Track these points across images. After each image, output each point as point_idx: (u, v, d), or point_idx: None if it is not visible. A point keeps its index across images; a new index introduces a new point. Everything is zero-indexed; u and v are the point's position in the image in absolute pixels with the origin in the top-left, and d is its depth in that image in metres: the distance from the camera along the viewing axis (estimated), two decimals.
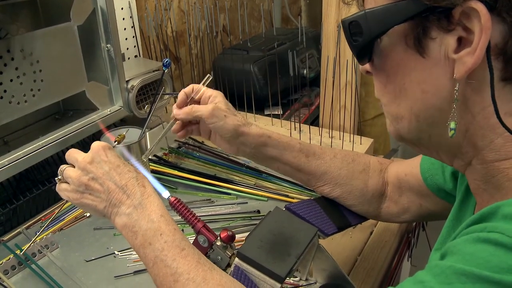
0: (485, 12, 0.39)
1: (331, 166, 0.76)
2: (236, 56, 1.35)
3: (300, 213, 0.72)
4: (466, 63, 0.41)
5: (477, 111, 0.45)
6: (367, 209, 0.78)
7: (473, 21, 0.40)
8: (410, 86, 0.47)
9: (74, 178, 0.64)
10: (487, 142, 0.46)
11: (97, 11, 1.00)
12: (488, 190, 0.49)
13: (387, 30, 0.45)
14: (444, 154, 0.51)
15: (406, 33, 0.45)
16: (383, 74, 0.49)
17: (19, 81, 0.90)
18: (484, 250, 0.38)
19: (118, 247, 0.87)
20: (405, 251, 1.01)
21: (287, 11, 2.09)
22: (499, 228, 0.38)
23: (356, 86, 1.16)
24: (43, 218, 0.95)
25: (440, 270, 0.40)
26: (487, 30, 0.40)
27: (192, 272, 0.54)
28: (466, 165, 0.50)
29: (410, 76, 0.46)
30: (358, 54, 0.49)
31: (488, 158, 0.47)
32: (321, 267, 0.74)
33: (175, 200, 0.66)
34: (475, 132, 0.46)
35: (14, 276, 0.82)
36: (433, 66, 0.44)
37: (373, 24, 0.46)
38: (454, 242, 0.42)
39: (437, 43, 0.43)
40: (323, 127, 1.24)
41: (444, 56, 0.43)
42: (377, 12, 0.45)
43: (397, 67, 0.47)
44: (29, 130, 1.03)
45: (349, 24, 0.47)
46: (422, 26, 0.43)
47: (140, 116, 1.13)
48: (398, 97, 0.49)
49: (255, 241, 0.64)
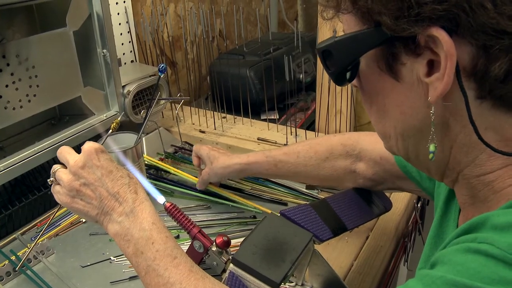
0: (447, 39, 0.39)
1: (297, 166, 0.86)
2: (232, 60, 1.35)
3: (295, 218, 0.72)
4: (437, 88, 0.41)
5: (458, 130, 0.44)
6: (345, 187, 0.86)
7: (439, 46, 0.40)
8: (390, 107, 0.47)
9: (66, 182, 0.63)
10: (472, 158, 0.46)
11: (93, 17, 1.00)
12: (475, 204, 0.49)
13: (357, 58, 0.46)
14: (433, 171, 0.51)
15: (377, 58, 0.45)
16: (366, 94, 0.50)
17: (14, 87, 0.90)
18: (475, 261, 0.38)
19: (114, 253, 0.87)
20: (401, 255, 1.01)
21: (283, 15, 2.09)
22: (489, 239, 0.38)
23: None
24: (38, 224, 0.95)
25: (430, 281, 0.39)
26: (451, 57, 0.39)
27: (184, 281, 0.54)
28: (454, 181, 0.50)
29: (389, 98, 0.47)
30: (335, 80, 0.49)
31: (473, 173, 0.47)
32: (317, 272, 0.74)
33: (171, 206, 0.66)
34: (459, 149, 0.46)
35: (9, 282, 0.81)
36: (407, 90, 0.44)
37: (342, 53, 0.46)
38: (444, 251, 0.42)
39: (408, 68, 0.43)
40: (319, 131, 1.24)
41: (417, 80, 0.43)
42: (345, 41, 0.45)
43: (376, 89, 0.47)
44: (25, 135, 1.03)
45: (322, 52, 0.47)
46: (391, 52, 0.43)
47: (136, 121, 1.13)
48: (382, 117, 0.49)
49: (250, 247, 0.64)
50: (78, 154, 0.65)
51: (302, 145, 0.87)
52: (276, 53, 1.38)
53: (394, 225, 0.94)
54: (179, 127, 1.26)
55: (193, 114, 1.36)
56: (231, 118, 1.34)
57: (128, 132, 1.01)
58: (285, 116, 1.39)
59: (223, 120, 1.32)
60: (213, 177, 0.96)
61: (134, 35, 1.30)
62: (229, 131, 1.27)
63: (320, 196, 1.00)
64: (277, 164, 0.87)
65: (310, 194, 1.01)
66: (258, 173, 0.92)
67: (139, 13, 1.34)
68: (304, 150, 0.86)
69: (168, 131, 1.28)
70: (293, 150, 0.87)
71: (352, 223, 0.79)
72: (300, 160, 0.85)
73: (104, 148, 0.65)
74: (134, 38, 1.30)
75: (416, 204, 1.02)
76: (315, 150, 0.85)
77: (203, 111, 1.34)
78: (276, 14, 2.09)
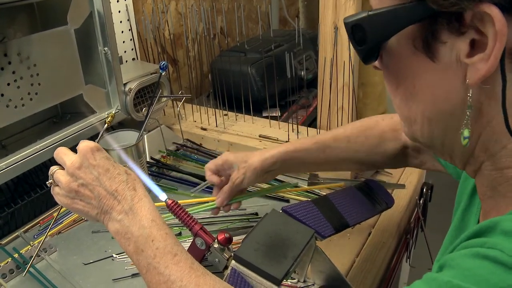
0: (499, 17, 0.36)
1: (348, 152, 0.82)
2: (234, 58, 1.35)
3: (296, 215, 0.72)
4: (479, 70, 0.39)
5: (492, 116, 0.42)
6: (394, 166, 0.88)
7: (487, 25, 0.37)
8: (421, 90, 0.44)
9: (64, 183, 0.63)
10: (500, 147, 0.44)
11: (94, 14, 1.00)
12: (494, 197, 0.47)
13: (393, 34, 0.42)
14: (457, 159, 0.49)
15: (414, 36, 0.42)
16: (393, 74, 0.47)
17: (16, 85, 0.90)
18: (483, 267, 0.37)
19: (116, 250, 0.87)
20: (404, 252, 1.00)
21: (284, 13, 2.09)
22: (499, 245, 0.37)
23: (353, 87, 1.16)
24: (41, 221, 0.95)
25: (437, 285, 0.39)
26: (502, 37, 0.37)
27: (185, 278, 0.54)
28: (476, 170, 0.48)
29: (420, 79, 0.44)
30: (364, 57, 0.46)
31: (498, 165, 0.45)
32: (319, 268, 0.74)
33: (172, 203, 0.66)
34: (488, 137, 0.44)
35: (12, 279, 0.82)
36: (444, 71, 0.42)
37: (377, 28, 0.43)
38: (452, 255, 0.41)
39: (448, 47, 0.40)
40: (321, 128, 1.24)
41: (456, 60, 0.40)
42: (381, 15, 0.42)
43: (406, 69, 0.45)
44: (27, 133, 1.03)
45: (351, 27, 0.44)
46: (431, 29, 0.40)
47: (138, 119, 1.13)
48: (410, 99, 0.46)
49: (252, 243, 0.64)
50: (76, 154, 0.64)
51: (350, 130, 0.83)
52: (278, 50, 1.38)
53: (396, 221, 0.94)
54: (181, 125, 1.26)
55: (194, 111, 1.36)
56: (233, 115, 1.34)
57: (129, 130, 1.01)
58: (287, 113, 1.39)
59: (224, 118, 1.32)
60: (249, 176, 0.81)
61: (135, 32, 1.30)
62: (230, 129, 1.27)
63: (322, 192, 1.00)
64: (325, 150, 0.81)
65: (312, 191, 1.01)
66: (303, 163, 0.83)
67: (140, 11, 1.34)
68: (353, 135, 0.81)
69: (169, 128, 1.28)
70: (342, 135, 0.82)
71: (354, 220, 0.79)
72: (351, 145, 0.81)
73: (100, 146, 0.64)
74: (135, 35, 1.30)
75: (418, 201, 1.02)
76: (366, 135, 0.81)
77: (204, 108, 1.34)
78: (277, 11, 2.09)
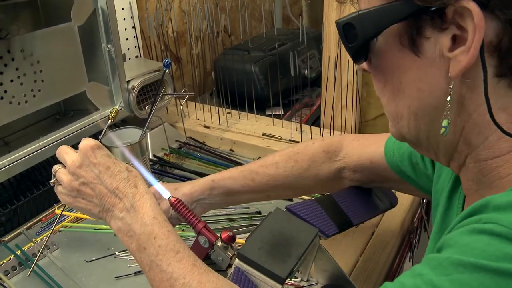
0: (477, 11, 0.39)
1: (277, 178, 0.79)
2: (237, 56, 1.35)
3: (300, 213, 0.72)
4: (461, 62, 0.41)
5: (473, 109, 0.45)
6: (330, 190, 0.83)
7: (467, 19, 0.40)
8: (407, 85, 0.47)
9: (66, 182, 0.63)
10: (482, 139, 0.46)
11: (98, 12, 1.00)
12: (479, 191, 0.49)
13: (381, 31, 0.45)
14: (441, 155, 0.51)
15: (400, 33, 0.45)
16: (381, 73, 0.49)
17: (19, 82, 0.90)
18: (480, 241, 0.39)
19: (119, 248, 0.87)
20: (407, 251, 1.00)
21: (288, 11, 2.08)
22: (493, 218, 0.39)
23: (357, 86, 1.16)
24: (43, 218, 0.95)
25: (437, 262, 0.40)
26: (480, 29, 0.39)
27: (188, 276, 0.54)
28: (461, 165, 0.50)
29: (406, 75, 0.46)
30: (354, 55, 0.49)
31: (481, 156, 0.47)
32: (322, 267, 0.74)
33: (176, 201, 0.66)
34: (471, 130, 0.46)
35: (14, 276, 0.82)
36: (428, 65, 0.44)
37: (367, 26, 0.45)
38: (450, 235, 0.42)
39: (431, 42, 0.43)
40: (325, 127, 1.23)
41: (439, 55, 0.43)
42: (370, 14, 0.45)
43: (393, 66, 0.47)
44: (30, 130, 1.03)
45: (343, 26, 0.47)
46: (416, 26, 0.43)
47: (141, 116, 1.13)
48: (396, 95, 0.49)
49: (256, 242, 0.64)
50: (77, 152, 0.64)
51: (279, 156, 0.81)
52: (281, 49, 1.38)
53: (400, 221, 0.94)
54: (184, 123, 1.26)
55: (197, 109, 1.36)
56: (236, 113, 1.34)
57: (132, 128, 1.01)
58: (290, 112, 1.38)
59: (227, 116, 1.32)
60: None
61: (139, 30, 1.30)
62: (233, 127, 1.27)
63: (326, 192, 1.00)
64: (254, 178, 0.78)
65: None
66: (231, 190, 0.79)
67: (143, 8, 1.33)
68: (282, 160, 0.79)
69: (172, 126, 1.27)
70: (270, 161, 0.80)
71: (357, 219, 0.79)
72: (280, 171, 0.79)
73: (100, 144, 0.64)
74: (138, 33, 1.30)
75: (421, 200, 1.02)
76: (295, 160, 0.79)
77: (207, 106, 1.34)
78: (280, 9, 2.08)
